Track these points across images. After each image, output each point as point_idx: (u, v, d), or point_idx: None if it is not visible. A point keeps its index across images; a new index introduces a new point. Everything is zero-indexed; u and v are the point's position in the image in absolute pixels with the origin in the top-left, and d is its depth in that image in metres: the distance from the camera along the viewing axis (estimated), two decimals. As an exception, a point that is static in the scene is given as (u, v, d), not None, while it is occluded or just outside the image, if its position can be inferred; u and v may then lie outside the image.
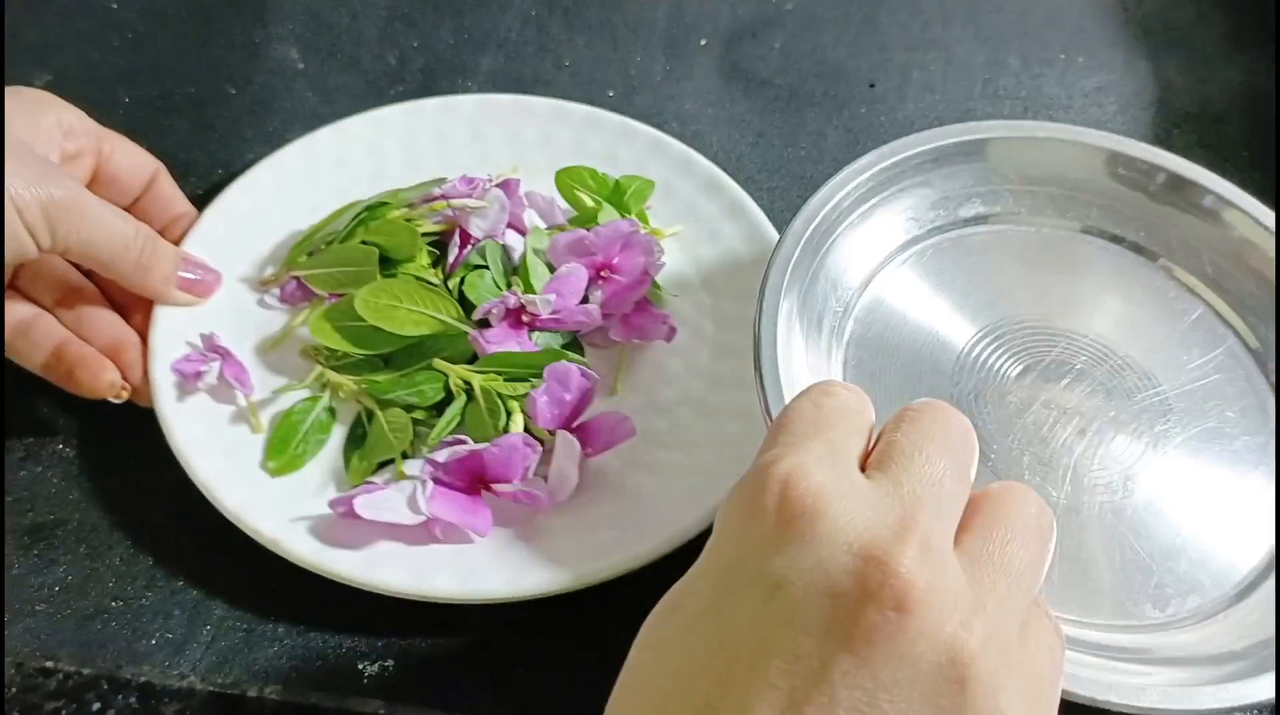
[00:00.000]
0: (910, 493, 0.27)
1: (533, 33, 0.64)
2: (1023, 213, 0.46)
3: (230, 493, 0.42)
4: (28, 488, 0.44)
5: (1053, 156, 0.46)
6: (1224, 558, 0.39)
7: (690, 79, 0.62)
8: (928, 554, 0.26)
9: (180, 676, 0.40)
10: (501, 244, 0.49)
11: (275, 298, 0.49)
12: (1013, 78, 0.64)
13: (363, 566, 0.40)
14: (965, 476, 0.29)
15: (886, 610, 0.25)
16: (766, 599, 0.26)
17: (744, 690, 0.25)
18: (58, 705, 0.39)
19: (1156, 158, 0.46)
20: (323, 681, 0.40)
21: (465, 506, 0.42)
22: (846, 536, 0.26)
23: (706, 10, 0.66)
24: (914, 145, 0.45)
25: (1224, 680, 0.34)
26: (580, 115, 0.55)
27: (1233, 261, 0.45)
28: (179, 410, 0.44)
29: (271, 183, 0.52)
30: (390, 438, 0.44)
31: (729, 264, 0.51)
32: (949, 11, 0.67)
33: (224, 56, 0.61)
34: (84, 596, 0.42)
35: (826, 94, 0.62)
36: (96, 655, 0.40)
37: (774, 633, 0.25)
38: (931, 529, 0.27)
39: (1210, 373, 0.43)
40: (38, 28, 0.62)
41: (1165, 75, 0.64)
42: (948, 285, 0.44)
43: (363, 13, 0.64)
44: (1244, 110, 0.62)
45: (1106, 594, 0.38)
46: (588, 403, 0.44)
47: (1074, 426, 0.41)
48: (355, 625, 0.41)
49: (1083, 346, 0.43)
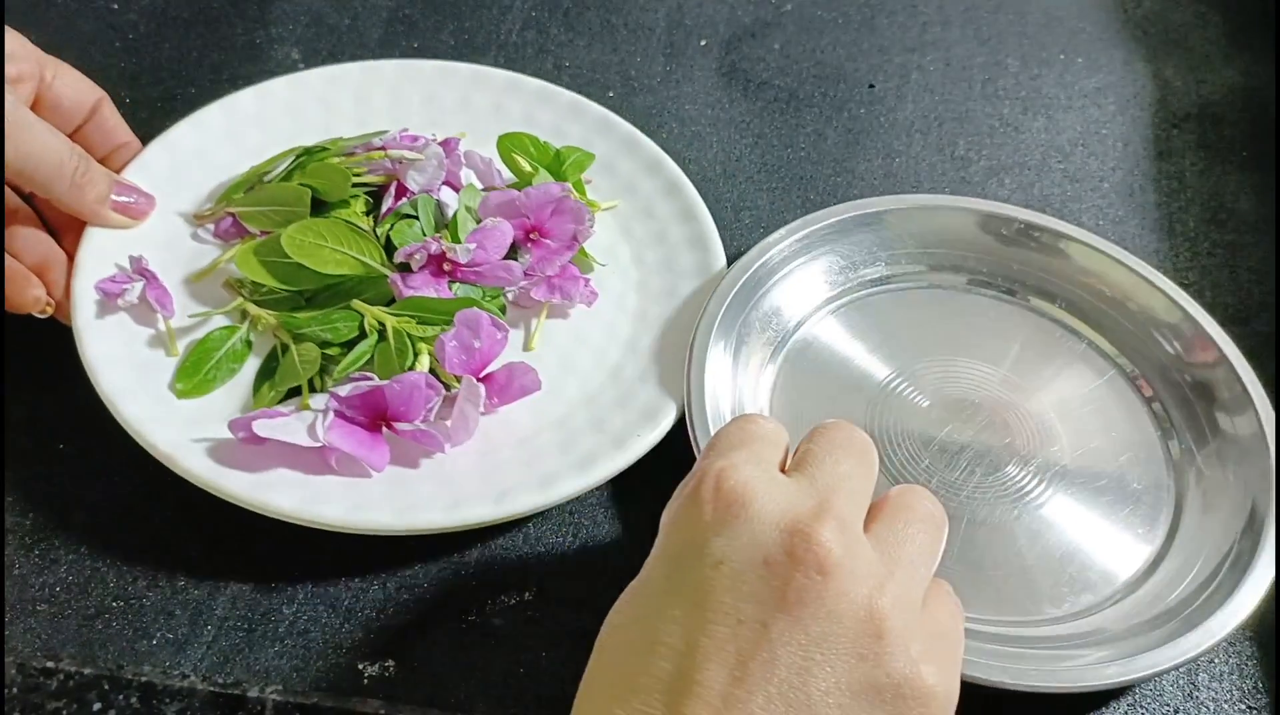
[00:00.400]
0: (825, 485, 0.33)
1: (533, 34, 0.64)
2: (921, 271, 0.52)
3: (133, 407, 0.43)
4: (28, 488, 0.44)
5: (938, 222, 0.53)
6: (1111, 560, 0.44)
7: (690, 80, 0.62)
8: (844, 529, 0.31)
9: (181, 676, 0.40)
10: (436, 199, 0.50)
11: (209, 233, 0.50)
12: (1012, 78, 0.64)
13: (254, 488, 0.41)
14: (869, 477, 0.35)
15: (812, 574, 0.30)
16: (710, 575, 0.31)
17: (698, 655, 0.29)
18: (59, 705, 0.39)
19: (1010, 212, 0.52)
20: (323, 681, 0.40)
21: (363, 440, 0.42)
22: (773, 517, 0.31)
23: (706, 12, 0.66)
24: (825, 218, 0.51)
25: (1110, 660, 0.39)
26: (533, 88, 0.56)
27: (1080, 288, 0.51)
28: (96, 325, 0.45)
29: (221, 124, 0.53)
30: (299, 367, 0.44)
31: (660, 241, 0.52)
32: (948, 12, 0.67)
33: (226, 58, 0.61)
34: (85, 596, 0.42)
35: (826, 95, 0.62)
36: (98, 655, 0.40)
37: (719, 602, 0.30)
38: (845, 512, 0.32)
39: (1092, 398, 0.49)
40: (39, 28, 0.62)
41: (1164, 76, 0.64)
42: (865, 335, 0.50)
43: (363, 14, 0.64)
44: (1243, 110, 0.62)
45: (1008, 596, 0.42)
46: (497, 352, 0.45)
47: (975, 452, 0.46)
48: (355, 625, 0.41)
49: (981, 384, 0.49)
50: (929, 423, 0.47)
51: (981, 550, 0.43)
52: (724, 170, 0.58)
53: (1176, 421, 0.48)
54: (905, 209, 0.52)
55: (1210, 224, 0.57)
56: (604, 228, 0.52)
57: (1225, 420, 0.46)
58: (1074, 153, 0.60)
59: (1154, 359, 0.49)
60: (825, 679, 0.29)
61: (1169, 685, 0.41)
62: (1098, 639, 0.40)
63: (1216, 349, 0.48)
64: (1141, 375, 0.49)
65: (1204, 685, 0.41)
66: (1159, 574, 0.43)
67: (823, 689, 0.29)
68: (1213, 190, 0.58)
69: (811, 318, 0.50)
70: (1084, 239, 0.51)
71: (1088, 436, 0.47)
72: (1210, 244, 0.56)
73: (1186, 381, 0.48)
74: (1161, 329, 0.49)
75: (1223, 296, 0.53)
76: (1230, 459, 0.45)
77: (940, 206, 0.53)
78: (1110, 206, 0.57)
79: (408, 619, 0.41)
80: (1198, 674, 0.42)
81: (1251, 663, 0.42)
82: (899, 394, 0.48)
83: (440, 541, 0.44)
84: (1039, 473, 0.46)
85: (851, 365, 0.49)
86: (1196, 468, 0.46)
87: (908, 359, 0.49)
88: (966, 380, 0.49)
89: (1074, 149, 0.60)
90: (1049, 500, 0.45)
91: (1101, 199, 0.58)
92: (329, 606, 0.42)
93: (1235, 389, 0.46)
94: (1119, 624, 0.41)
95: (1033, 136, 0.61)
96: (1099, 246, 0.51)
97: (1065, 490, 0.45)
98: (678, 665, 0.29)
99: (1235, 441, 0.45)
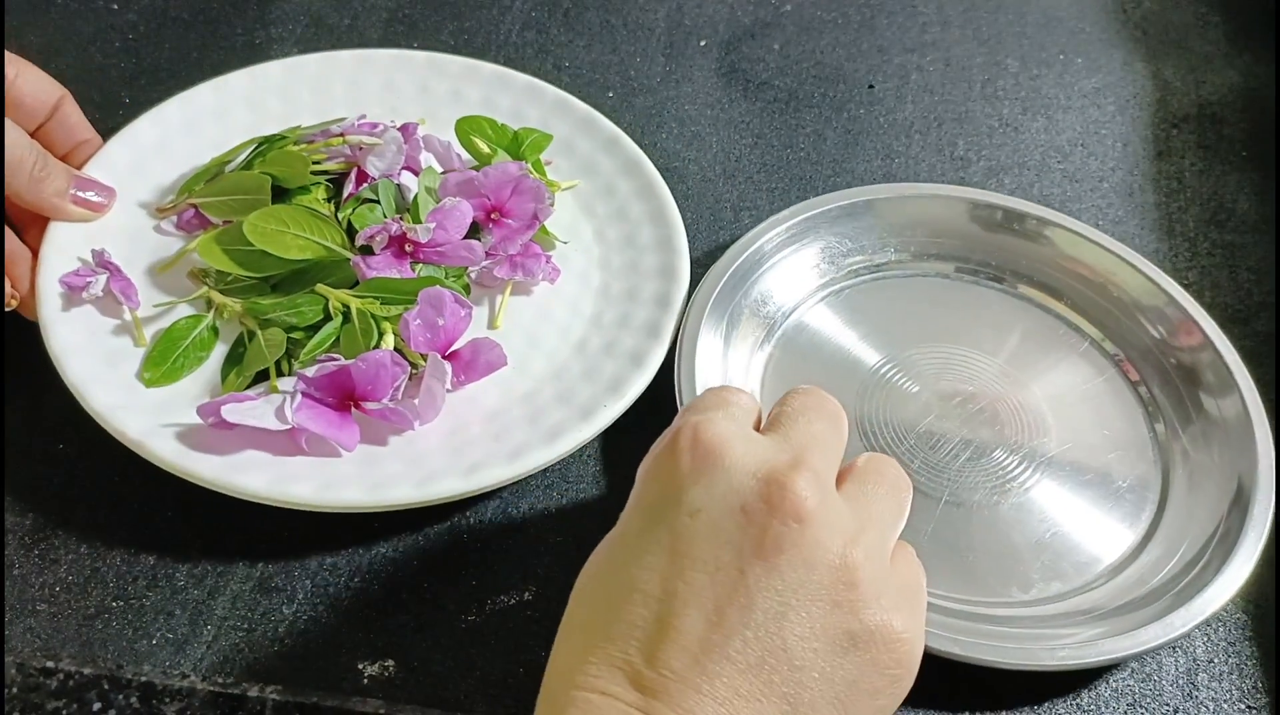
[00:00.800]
0: (798, 441, 0.34)
1: (533, 35, 0.64)
2: (910, 259, 0.53)
3: (100, 394, 0.43)
4: (29, 488, 0.44)
5: (926, 210, 0.53)
6: (1099, 542, 0.44)
7: (690, 81, 0.62)
8: (818, 482, 0.32)
9: (181, 676, 0.40)
10: (396, 183, 0.50)
11: (172, 225, 0.50)
12: (1011, 79, 0.64)
13: (224, 471, 0.41)
14: (840, 438, 0.36)
15: (789, 521, 0.31)
16: (688, 523, 0.31)
17: (675, 601, 0.30)
18: (59, 705, 0.39)
19: (997, 199, 0.53)
20: (322, 681, 0.40)
21: (332, 420, 0.42)
22: (750, 467, 0.32)
23: (706, 12, 0.66)
24: (815, 207, 0.52)
25: (1101, 637, 0.40)
26: (490, 73, 0.57)
27: (1068, 274, 0.52)
28: (61, 318, 0.45)
29: (180, 118, 0.53)
30: (265, 351, 0.45)
31: (621, 218, 0.53)
32: (947, 13, 0.67)
33: (226, 59, 0.61)
34: (85, 596, 0.42)
35: (825, 96, 0.62)
36: (98, 655, 0.40)
37: (697, 550, 0.31)
38: (818, 466, 0.33)
39: (1079, 383, 0.49)
40: (40, 29, 0.62)
41: (1164, 76, 0.64)
42: (856, 322, 0.51)
43: (363, 14, 0.64)
44: (1242, 111, 0.62)
45: (996, 576, 0.43)
46: (461, 329, 0.45)
47: (963, 437, 0.47)
48: (356, 625, 0.41)
49: (970, 370, 0.49)
50: (919, 408, 0.47)
51: (968, 533, 0.44)
52: (724, 170, 0.58)
53: (1162, 405, 0.48)
54: (894, 198, 0.53)
55: (1210, 224, 0.57)
56: (565, 206, 0.53)
57: (1210, 402, 0.47)
58: (1073, 153, 0.60)
59: (1139, 343, 0.50)
60: (801, 625, 0.30)
61: (1169, 685, 0.41)
62: (1088, 618, 0.41)
63: (1201, 332, 0.48)
64: (1128, 360, 0.50)
65: (1204, 685, 0.41)
66: (1146, 554, 0.43)
67: (799, 634, 0.30)
68: (1212, 190, 0.58)
69: (802, 305, 0.51)
70: (1069, 226, 0.52)
71: (1075, 421, 0.48)
72: (1210, 244, 0.56)
73: (1171, 365, 0.49)
74: (1146, 313, 0.50)
75: (1222, 296, 0.53)
76: (1215, 441, 0.46)
77: (929, 195, 0.54)
78: (1110, 207, 0.57)
79: (408, 619, 0.41)
80: (1198, 674, 0.42)
81: (1251, 663, 0.42)
82: (889, 380, 0.48)
83: (440, 540, 0.44)
84: (1026, 457, 0.46)
85: (842, 352, 0.50)
86: (1183, 449, 0.46)
87: (898, 346, 0.50)
88: (956, 367, 0.49)
89: (1074, 149, 0.60)
90: (1036, 484, 0.46)
91: (1101, 199, 0.58)
92: (329, 606, 0.42)
93: (1220, 371, 0.47)
94: (1110, 602, 0.42)
95: (1032, 137, 0.61)
96: (1085, 233, 0.52)
97: (1052, 474, 0.46)
98: (655, 611, 0.30)
99: (1220, 423, 0.46)
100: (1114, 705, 0.41)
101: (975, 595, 0.42)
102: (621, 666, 0.30)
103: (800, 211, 0.52)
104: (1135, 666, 0.42)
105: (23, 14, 0.63)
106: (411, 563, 0.43)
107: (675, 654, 0.29)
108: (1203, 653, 0.42)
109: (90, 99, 0.58)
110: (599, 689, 0.30)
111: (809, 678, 0.30)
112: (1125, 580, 0.43)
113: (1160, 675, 0.42)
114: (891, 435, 0.47)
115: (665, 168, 0.58)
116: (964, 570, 0.43)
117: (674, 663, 0.29)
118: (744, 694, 0.29)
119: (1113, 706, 0.41)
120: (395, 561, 0.43)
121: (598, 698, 0.30)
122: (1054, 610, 0.42)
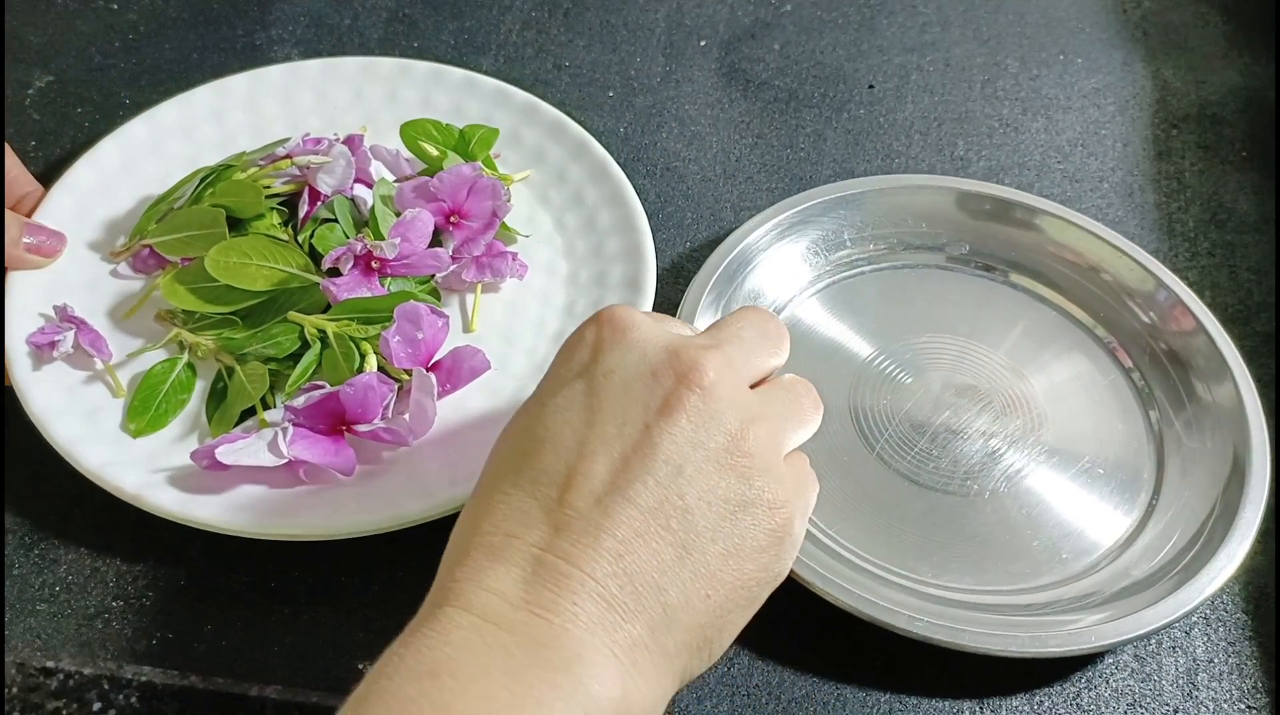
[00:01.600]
0: (723, 338, 0.36)
1: (533, 34, 0.64)
2: (901, 250, 0.53)
3: (90, 453, 0.42)
4: (29, 488, 0.44)
5: (916, 201, 0.53)
6: (1095, 528, 0.44)
7: (690, 81, 0.62)
8: (728, 366, 0.35)
9: (181, 676, 0.40)
10: (350, 198, 0.50)
11: (129, 267, 0.50)
12: (1011, 79, 0.64)
13: (227, 512, 0.41)
14: (770, 349, 0.38)
15: (695, 389, 0.33)
16: (602, 382, 0.34)
17: (585, 450, 0.32)
18: (59, 705, 0.39)
19: (986, 189, 0.53)
20: (323, 681, 0.40)
21: (328, 448, 0.42)
22: (665, 340, 0.35)
23: (706, 12, 0.66)
24: (805, 200, 0.52)
25: (1103, 622, 0.40)
26: (424, 71, 0.57)
27: (1058, 261, 0.52)
28: (35, 378, 0.45)
29: (117, 157, 0.53)
30: (248, 387, 0.44)
31: (578, 203, 0.53)
32: (947, 13, 0.67)
33: (226, 59, 0.61)
34: (85, 596, 0.42)
35: (825, 96, 0.62)
36: (98, 655, 0.40)
37: (607, 405, 0.33)
38: (733, 356, 0.35)
39: (1072, 370, 0.49)
40: (40, 29, 0.62)
41: (1163, 76, 0.64)
42: (847, 313, 0.51)
43: (363, 14, 0.64)
44: (1242, 111, 0.62)
45: (994, 565, 0.43)
46: (441, 340, 0.45)
47: (957, 425, 0.47)
48: (355, 625, 0.41)
49: (963, 360, 0.49)
50: (913, 399, 0.48)
51: (962, 522, 0.44)
52: (724, 170, 0.58)
53: (1155, 390, 0.48)
54: (882, 189, 0.53)
55: (1210, 224, 0.57)
56: (520, 199, 0.53)
57: (1202, 387, 0.47)
58: (1074, 153, 0.60)
59: (1130, 329, 0.50)
60: (696, 481, 0.32)
61: (1169, 685, 0.41)
62: (1089, 603, 0.41)
63: (1192, 317, 0.48)
64: (1120, 346, 0.50)
65: (1204, 685, 0.41)
66: (1143, 538, 0.44)
67: (694, 489, 0.32)
68: (1212, 190, 0.58)
69: (795, 299, 0.51)
70: (1058, 213, 0.52)
71: (1069, 408, 0.48)
72: (1210, 244, 0.56)
73: (1163, 350, 0.49)
74: (1137, 299, 0.50)
75: (1223, 296, 0.53)
76: (1208, 425, 0.46)
77: (916, 186, 0.54)
78: (1110, 207, 0.57)
79: (407, 618, 0.41)
80: (1198, 674, 0.42)
81: (1252, 663, 0.42)
82: (882, 372, 0.49)
83: (440, 540, 0.44)
84: (1020, 445, 0.46)
85: (834, 343, 0.50)
86: (1176, 434, 0.47)
87: (890, 337, 0.50)
88: (949, 357, 0.49)
89: (1074, 149, 0.60)
90: (1030, 472, 0.46)
91: (1101, 199, 0.58)
92: (329, 606, 0.42)
93: (1212, 356, 0.47)
94: (1110, 587, 0.42)
95: (1032, 137, 0.61)
96: (1074, 219, 0.52)
97: (1047, 462, 0.46)
98: (565, 460, 0.32)
99: (1212, 407, 0.46)
100: (1114, 705, 0.41)
101: (972, 584, 0.42)
102: (528, 510, 0.32)
103: (789, 205, 0.52)
104: (1135, 666, 0.42)
105: (23, 14, 0.63)
106: (411, 563, 0.43)
107: (581, 496, 0.32)
108: (1203, 653, 0.42)
109: (90, 99, 0.58)
110: (505, 531, 0.32)
111: (701, 527, 0.32)
112: (1123, 564, 0.43)
113: (1160, 675, 0.42)
114: (886, 426, 0.47)
115: (665, 167, 0.58)
116: (959, 559, 0.43)
117: (579, 503, 0.31)
118: (642, 534, 0.31)
119: (1113, 706, 0.41)
120: (395, 561, 0.43)
121: (501, 539, 0.31)
122: (1052, 596, 0.42)
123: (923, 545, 0.43)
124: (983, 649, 0.39)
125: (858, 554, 0.43)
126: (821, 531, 0.43)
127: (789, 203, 0.52)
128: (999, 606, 0.41)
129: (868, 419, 0.47)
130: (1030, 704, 0.40)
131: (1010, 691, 0.41)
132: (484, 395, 0.46)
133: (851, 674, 0.41)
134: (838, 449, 0.46)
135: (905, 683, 0.41)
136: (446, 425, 0.45)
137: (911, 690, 0.41)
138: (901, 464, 0.46)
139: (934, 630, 0.39)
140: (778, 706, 0.40)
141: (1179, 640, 0.42)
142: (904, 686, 0.41)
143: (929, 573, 0.42)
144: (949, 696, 0.40)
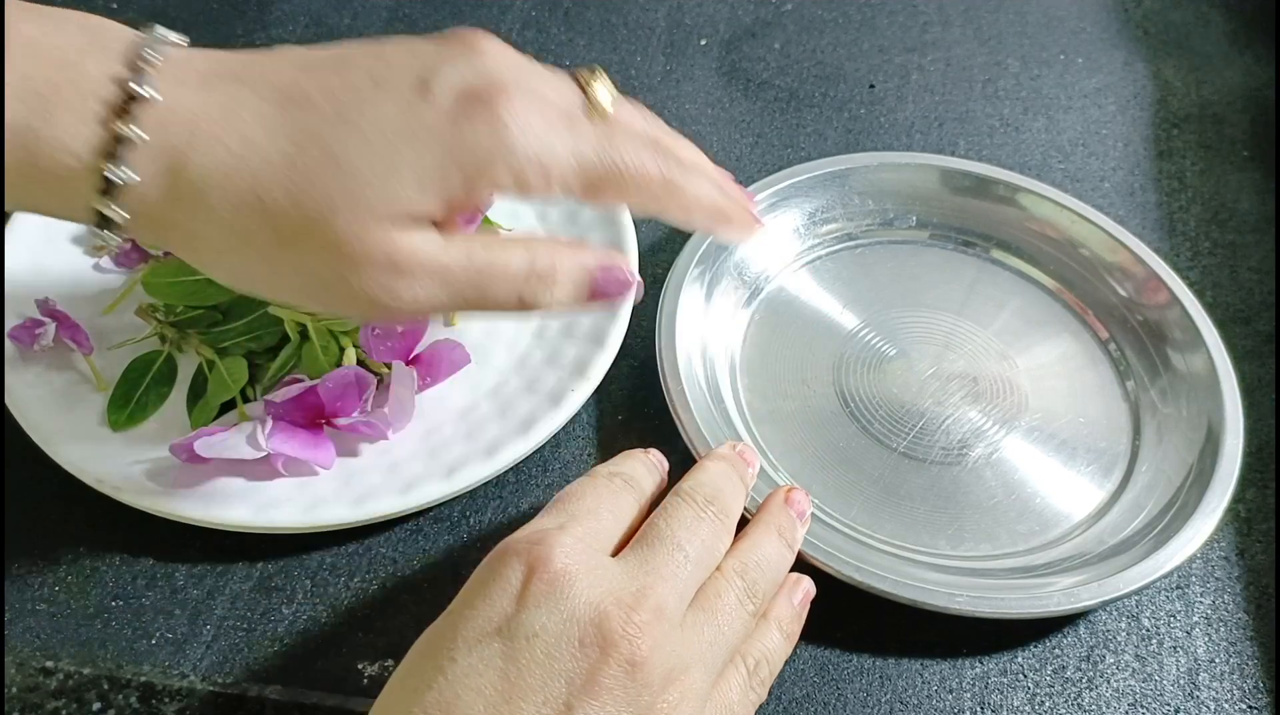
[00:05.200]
0: (654, 569, 0.33)
1: (533, 34, 0.64)
2: (885, 226, 0.54)
3: (69, 447, 0.43)
4: (28, 487, 0.44)
5: (900, 178, 0.54)
6: (1064, 503, 0.45)
7: (690, 80, 0.62)
8: (657, 619, 0.32)
9: (181, 676, 0.40)
10: None
11: (110, 262, 0.49)
12: (1012, 79, 0.64)
13: (207, 505, 0.41)
14: (705, 561, 0.35)
15: (623, 664, 0.30)
16: (523, 648, 0.31)
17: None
18: (58, 704, 0.39)
19: (968, 166, 0.54)
20: (323, 681, 0.40)
21: (307, 441, 0.42)
22: (592, 598, 0.31)
23: (706, 12, 0.66)
24: (792, 175, 0.53)
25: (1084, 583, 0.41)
26: None
27: (1037, 237, 0.53)
28: (16, 372, 0.45)
29: None
30: (228, 380, 0.45)
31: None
32: (948, 13, 0.67)
33: (225, 58, 0.61)
34: (85, 596, 0.42)
35: (826, 95, 0.62)
36: (97, 655, 0.40)
37: (528, 676, 0.30)
38: (664, 598, 0.32)
39: (1051, 342, 0.51)
40: (40, 30, 0.62)
41: (1164, 76, 0.64)
42: (834, 287, 0.52)
43: (363, 14, 0.64)
44: (1243, 111, 0.62)
45: (977, 530, 0.44)
46: (421, 334, 0.45)
47: (936, 397, 0.48)
48: (355, 625, 0.41)
49: (947, 333, 0.50)
50: (895, 372, 0.49)
51: (943, 491, 0.45)
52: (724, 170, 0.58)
53: (1131, 361, 0.50)
54: (868, 166, 0.54)
55: (1211, 224, 0.57)
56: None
57: (1177, 357, 0.48)
58: (1074, 153, 0.60)
59: (1107, 302, 0.51)
60: None
61: (1170, 685, 0.41)
62: (1069, 565, 0.42)
63: (1167, 290, 0.50)
64: (1097, 318, 0.51)
65: (1204, 685, 0.41)
66: (1121, 503, 0.45)
67: None
68: (1213, 190, 0.58)
69: (782, 272, 0.52)
70: (1038, 190, 0.53)
71: (1048, 380, 0.49)
72: (1211, 244, 0.56)
73: (1138, 322, 0.50)
74: (1113, 272, 0.51)
75: (1224, 296, 0.53)
76: (1183, 393, 0.47)
77: (901, 163, 0.55)
78: (1111, 206, 0.57)
79: (408, 619, 0.41)
80: (1199, 674, 0.42)
81: (1252, 663, 0.42)
82: (867, 343, 0.50)
83: (440, 540, 0.44)
84: (1000, 415, 0.48)
85: (820, 316, 0.51)
86: (1151, 403, 0.48)
87: (874, 310, 0.51)
88: (931, 330, 0.50)
89: (1074, 149, 0.60)
90: (1009, 441, 0.47)
91: (1102, 199, 0.58)
92: (329, 606, 0.42)
93: (1186, 327, 0.48)
94: (1091, 549, 0.43)
95: (1033, 137, 0.61)
96: (1053, 196, 0.53)
97: (1025, 431, 0.47)
98: None
99: (1186, 377, 0.48)
100: (1115, 705, 0.41)
101: (956, 550, 0.43)
102: None
103: (776, 181, 0.53)
104: (1136, 666, 0.42)
105: (23, 14, 0.62)
106: (411, 563, 0.43)
107: None
108: (1203, 653, 0.42)
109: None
110: None
111: None
112: (1103, 528, 0.44)
113: (1161, 675, 0.41)
114: (869, 399, 0.48)
115: (665, 167, 0.58)
116: (940, 527, 0.44)
117: None
118: None
119: (1114, 706, 0.41)
120: (395, 561, 0.43)
121: None
122: (1035, 561, 0.43)
123: (903, 513, 0.44)
124: (970, 611, 0.40)
125: (877, 537, 0.44)
126: (833, 519, 0.44)
127: (778, 177, 0.53)
128: (1020, 569, 0.42)
129: (855, 399, 0.48)
130: (1031, 704, 0.40)
131: (1011, 691, 0.41)
132: (464, 389, 0.47)
133: (852, 674, 0.41)
134: (824, 423, 0.47)
135: (906, 682, 0.41)
136: (426, 419, 0.45)
137: (912, 690, 0.41)
138: (897, 441, 0.47)
139: (977, 604, 0.40)
140: (778, 706, 0.40)
141: (1180, 640, 0.42)
142: (904, 686, 0.41)
143: (946, 545, 0.44)
144: (949, 696, 0.40)
